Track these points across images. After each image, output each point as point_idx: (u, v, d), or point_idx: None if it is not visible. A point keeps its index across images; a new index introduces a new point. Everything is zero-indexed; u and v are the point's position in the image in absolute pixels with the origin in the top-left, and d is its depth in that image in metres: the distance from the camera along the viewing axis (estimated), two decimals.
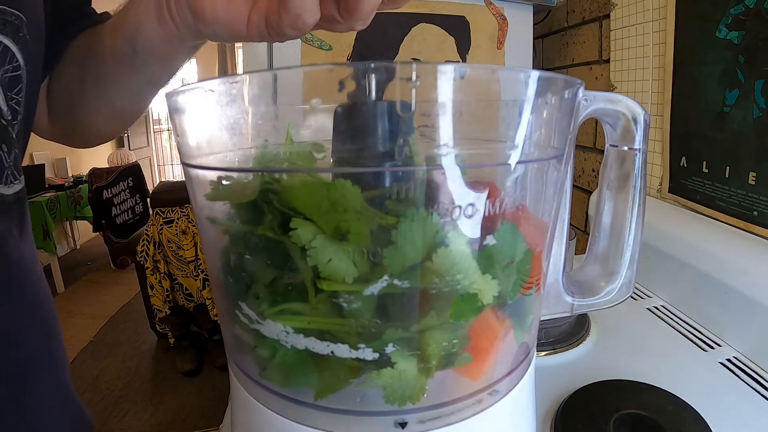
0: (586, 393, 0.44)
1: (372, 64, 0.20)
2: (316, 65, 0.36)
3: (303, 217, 0.22)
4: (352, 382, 0.23)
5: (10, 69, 0.31)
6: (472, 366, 0.25)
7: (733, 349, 0.53)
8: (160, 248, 1.97)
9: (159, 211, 1.97)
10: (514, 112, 0.24)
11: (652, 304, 0.64)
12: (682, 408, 0.41)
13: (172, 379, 1.96)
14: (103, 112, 0.41)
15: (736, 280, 0.53)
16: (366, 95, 0.21)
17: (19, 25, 0.31)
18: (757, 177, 0.55)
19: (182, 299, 2.06)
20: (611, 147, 0.34)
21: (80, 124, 0.44)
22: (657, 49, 0.70)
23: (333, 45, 0.84)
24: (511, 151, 0.24)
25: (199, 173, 0.27)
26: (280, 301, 0.23)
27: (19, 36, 0.31)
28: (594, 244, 0.36)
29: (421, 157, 0.22)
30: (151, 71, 0.36)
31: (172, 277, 2.02)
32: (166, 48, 0.33)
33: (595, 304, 0.35)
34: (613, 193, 0.35)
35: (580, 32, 0.97)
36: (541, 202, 0.27)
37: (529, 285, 0.27)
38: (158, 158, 5.30)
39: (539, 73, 0.23)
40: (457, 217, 0.22)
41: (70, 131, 0.46)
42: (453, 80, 0.21)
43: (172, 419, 1.73)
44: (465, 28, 0.89)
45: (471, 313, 0.23)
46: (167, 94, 0.26)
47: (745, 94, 0.55)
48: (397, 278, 0.21)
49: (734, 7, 0.55)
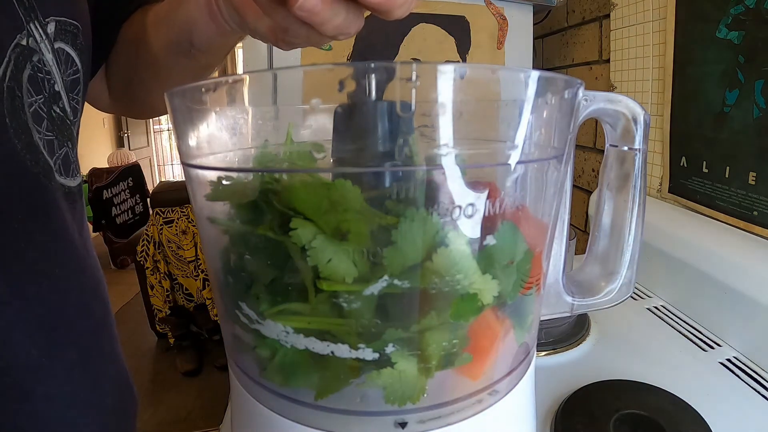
0: (586, 393, 0.44)
1: (372, 64, 0.20)
2: (316, 65, 0.36)
3: (303, 217, 0.22)
4: (352, 382, 0.23)
5: (71, 73, 0.35)
6: (472, 366, 0.25)
7: (733, 349, 0.53)
8: (160, 248, 1.97)
9: (159, 211, 1.97)
10: (514, 112, 0.24)
11: (652, 304, 0.64)
12: (682, 408, 0.41)
13: (172, 379, 1.96)
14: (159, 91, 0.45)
15: (736, 280, 0.53)
16: (366, 95, 0.21)
17: (76, 33, 0.35)
18: (757, 177, 0.55)
19: (182, 299, 2.06)
20: (611, 147, 0.34)
21: (138, 100, 0.50)
22: (657, 49, 0.70)
23: (333, 45, 0.84)
24: (511, 151, 0.24)
25: (199, 173, 0.27)
26: (280, 302, 0.23)
27: (76, 43, 0.35)
28: (594, 244, 0.36)
29: (421, 157, 0.22)
30: (207, 59, 0.40)
31: (172, 277, 2.02)
32: (221, 39, 0.36)
33: (595, 304, 0.35)
34: (613, 193, 0.35)
35: (580, 32, 0.97)
36: (541, 202, 0.27)
37: (529, 285, 0.27)
38: (158, 158, 5.29)
39: (539, 73, 0.23)
40: (457, 217, 0.22)
41: (130, 106, 0.52)
42: (453, 80, 0.21)
43: (172, 419, 1.73)
44: (465, 28, 0.89)
45: (471, 313, 0.23)
46: (167, 94, 0.26)
47: (745, 94, 0.55)
48: (397, 278, 0.21)
49: (734, 7, 0.55)
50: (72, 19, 0.35)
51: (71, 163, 0.35)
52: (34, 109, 0.31)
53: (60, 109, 0.34)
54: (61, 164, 0.34)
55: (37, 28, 0.31)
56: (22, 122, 0.30)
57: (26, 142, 0.30)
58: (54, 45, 0.33)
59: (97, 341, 0.38)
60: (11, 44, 0.29)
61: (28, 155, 0.30)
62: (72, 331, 0.35)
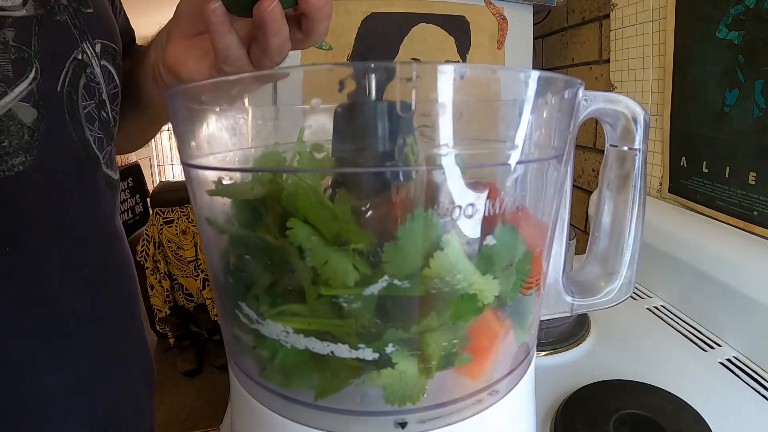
0: (586, 393, 0.44)
1: (372, 64, 0.20)
2: (316, 65, 0.36)
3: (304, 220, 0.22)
4: (352, 382, 0.23)
5: (112, 87, 0.42)
6: (472, 366, 0.25)
7: (733, 349, 0.53)
8: (160, 248, 1.97)
9: (159, 211, 1.97)
10: (514, 112, 0.24)
11: (652, 304, 0.64)
12: (682, 408, 0.41)
13: (172, 379, 1.96)
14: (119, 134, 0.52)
15: (736, 280, 0.53)
16: (366, 95, 0.21)
17: (115, 55, 0.43)
18: (757, 177, 0.55)
19: (182, 299, 2.06)
20: (611, 147, 0.34)
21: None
22: (657, 49, 0.70)
23: (333, 45, 0.84)
24: (511, 151, 0.24)
25: (199, 173, 0.27)
26: (279, 303, 0.23)
27: (116, 63, 0.43)
28: (594, 244, 0.36)
29: (421, 157, 0.22)
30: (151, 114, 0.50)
31: (172, 277, 2.02)
32: (161, 100, 0.44)
33: (595, 304, 0.35)
34: (613, 193, 0.35)
35: (580, 32, 0.97)
36: (541, 202, 0.27)
37: (529, 285, 0.27)
38: (158, 158, 5.29)
39: (539, 73, 0.23)
40: (457, 217, 0.22)
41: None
42: (453, 80, 0.21)
43: (172, 419, 1.73)
44: (465, 28, 0.89)
45: (471, 314, 0.23)
46: (168, 94, 0.26)
47: (745, 94, 0.55)
48: (397, 278, 0.21)
49: (734, 7, 0.55)
50: (112, 42, 0.42)
51: (113, 159, 0.43)
52: (87, 111, 0.38)
53: (106, 114, 0.41)
54: (108, 158, 0.41)
55: (89, 47, 0.38)
56: (78, 120, 0.37)
57: (81, 136, 0.37)
58: (101, 62, 0.40)
59: (129, 311, 0.45)
60: (71, 57, 0.36)
61: (82, 147, 0.37)
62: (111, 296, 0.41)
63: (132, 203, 3.20)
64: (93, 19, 0.39)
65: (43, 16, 0.34)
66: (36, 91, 0.33)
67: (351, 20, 0.83)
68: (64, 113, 0.36)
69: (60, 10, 0.36)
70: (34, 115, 0.33)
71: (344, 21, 0.83)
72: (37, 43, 0.34)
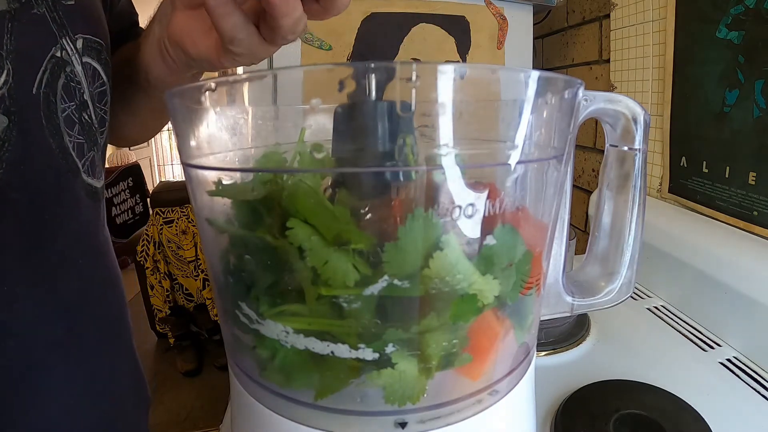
0: (586, 393, 0.44)
1: (372, 64, 0.20)
2: (316, 65, 0.36)
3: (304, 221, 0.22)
4: (352, 382, 0.23)
5: (98, 85, 0.39)
6: (472, 366, 0.25)
7: (733, 349, 0.53)
8: (160, 248, 1.97)
9: (159, 211, 1.97)
10: (514, 112, 0.24)
11: (652, 304, 0.64)
12: (682, 408, 0.41)
13: (172, 379, 1.96)
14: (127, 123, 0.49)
15: (736, 280, 0.53)
16: (366, 95, 0.21)
17: (100, 50, 0.39)
18: (757, 177, 0.55)
19: (182, 299, 2.06)
20: (611, 147, 0.34)
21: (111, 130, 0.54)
22: (657, 49, 0.70)
23: (333, 45, 0.84)
24: (511, 151, 0.24)
25: (199, 173, 0.27)
26: (279, 303, 0.23)
27: (101, 58, 0.39)
28: (594, 244, 0.36)
29: (421, 157, 0.22)
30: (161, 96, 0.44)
31: (172, 277, 2.02)
32: (173, 78, 0.40)
33: (595, 304, 0.35)
34: (613, 193, 0.35)
35: (580, 32, 0.97)
36: (541, 203, 0.27)
37: (529, 285, 0.27)
38: (158, 158, 5.28)
39: (539, 73, 0.23)
40: (457, 217, 0.22)
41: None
42: (453, 80, 0.21)
43: (171, 419, 1.73)
44: (465, 28, 0.89)
45: (471, 314, 0.23)
46: (167, 94, 0.26)
47: (745, 94, 0.55)
48: (397, 278, 0.21)
49: (734, 7, 0.55)
50: (96, 37, 0.39)
51: (96, 166, 0.39)
52: (66, 114, 0.35)
53: (88, 116, 0.37)
54: (88, 165, 0.37)
55: (69, 43, 0.35)
56: (55, 125, 0.34)
57: (59, 143, 0.34)
58: (82, 59, 0.36)
59: (114, 330, 0.41)
60: (48, 55, 0.33)
61: (60, 154, 0.34)
62: (93, 316, 0.38)
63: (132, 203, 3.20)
64: (74, 11, 0.36)
65: (17, 11, 0.31)
66: (7, 96, 0.30)
67: (351, 20, 0.83)
68: (40, 118, 0.32)
69: (37, 3, 0.32)
70: (4, 123, 0.30)
71: (344, 21, 0.83)
72: (10, 42, 0.30)
